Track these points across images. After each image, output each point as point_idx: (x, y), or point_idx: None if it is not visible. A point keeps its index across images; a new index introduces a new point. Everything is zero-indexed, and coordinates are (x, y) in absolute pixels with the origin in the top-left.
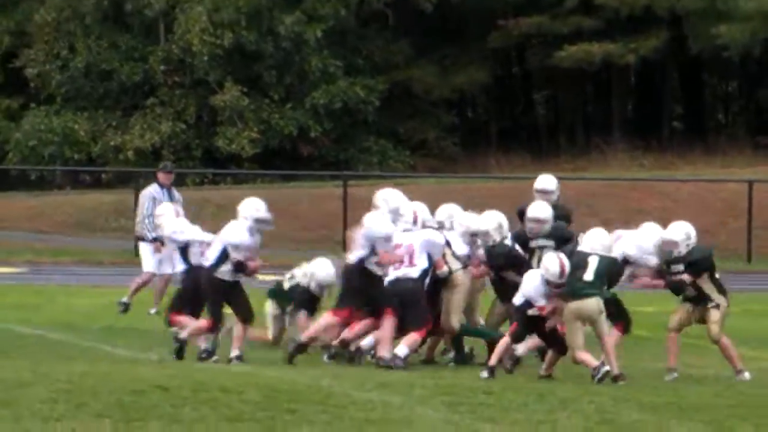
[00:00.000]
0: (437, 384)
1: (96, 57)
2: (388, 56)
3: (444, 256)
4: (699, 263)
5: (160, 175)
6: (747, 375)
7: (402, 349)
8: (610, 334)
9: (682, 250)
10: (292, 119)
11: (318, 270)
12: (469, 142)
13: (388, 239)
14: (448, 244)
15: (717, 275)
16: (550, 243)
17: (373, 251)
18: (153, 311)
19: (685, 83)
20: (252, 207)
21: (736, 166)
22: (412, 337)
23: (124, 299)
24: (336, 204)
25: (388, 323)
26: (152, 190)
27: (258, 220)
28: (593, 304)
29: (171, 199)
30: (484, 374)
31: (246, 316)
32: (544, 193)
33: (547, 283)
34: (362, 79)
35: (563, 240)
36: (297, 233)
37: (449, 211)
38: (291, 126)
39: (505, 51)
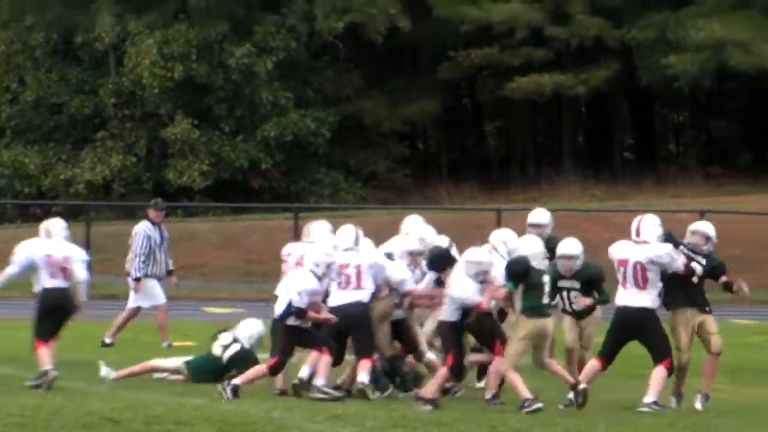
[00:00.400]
0: (389, 416)
1: (46, 90)
2: (338, 88)
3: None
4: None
5: (151, 212)
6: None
7: (363, 376)
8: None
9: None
10: (243, 151)
11: (251, 329)
12: (420, 173)
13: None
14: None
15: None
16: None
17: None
18: (166, 344)
19: (635, 113)
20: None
21: (687, 197)
22: (365, 365)
23: (107, 339)
24: (287, 236)
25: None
26: (144, 227)
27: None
28: (552, 324)
29: (161, 236)
30: (426, 407)
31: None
32: (537, 227)
33: (477, 275)
34: (313, 112)
35: (592, 280)
36: (248, 266)
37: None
38: (242, 158)
39: (456, 82)
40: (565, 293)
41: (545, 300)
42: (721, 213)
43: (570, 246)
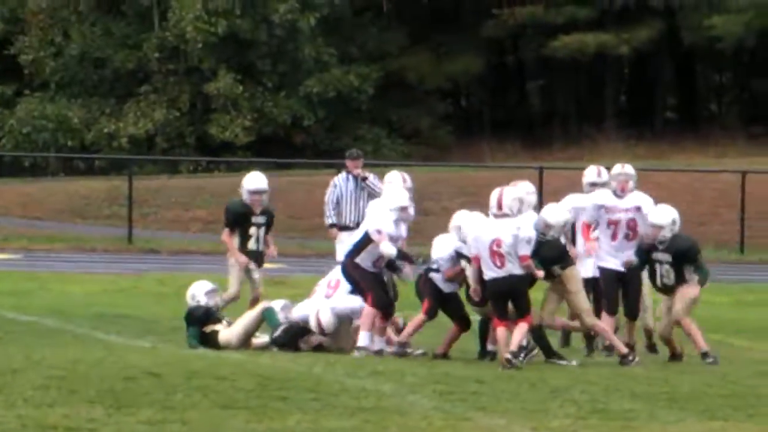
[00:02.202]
0: (429, 372)
1: (90, 44)
2: (382, 45)
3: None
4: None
5: (347, 162)
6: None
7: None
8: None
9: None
10: (286, 107)
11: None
12: (463, 130)
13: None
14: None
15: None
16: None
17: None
18: None
19: (678, 74)
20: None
21: (729, 157)
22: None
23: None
24: None
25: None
26: (337, 178)
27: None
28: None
29: (356, 186)
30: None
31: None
32: (596, 186)
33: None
34: (356, 68)
35: (682, 254)
36: (290, 222)
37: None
38: (284, 114)
39: (500, 40)
40: (657, 266)
41: None
42: (763, 173)
43: (658, 214)
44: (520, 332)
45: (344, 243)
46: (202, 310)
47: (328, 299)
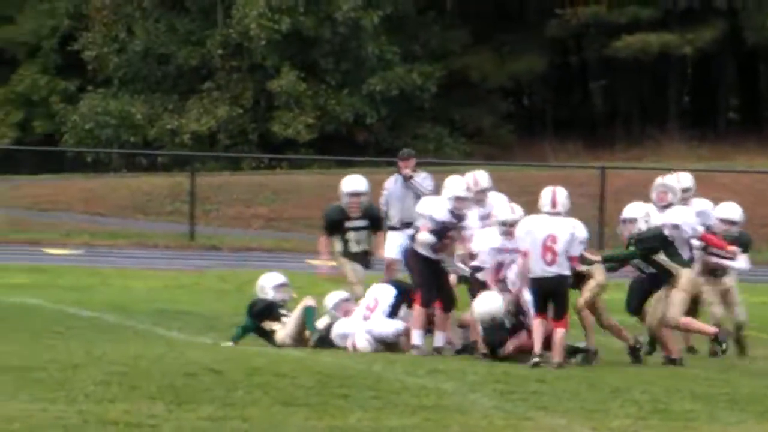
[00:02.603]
0: (490, 371)
1: (154, 40)
2: (445, 43)
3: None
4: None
5: (399, 162)
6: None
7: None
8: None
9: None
10: (349, 105)
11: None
12: (525, 129)
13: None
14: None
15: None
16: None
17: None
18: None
19: (741, 74)
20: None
21: None
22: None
23: None
24: None
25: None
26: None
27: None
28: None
29: (404, 185)
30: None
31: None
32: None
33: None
34: (419, 66)
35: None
36: None
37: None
38: (347, 112)
39: (563, 40)
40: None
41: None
42: None
43: (732, 210)
44: (559, 337)
45: (388, 242)
46: (264, 304)
47: (365, 321)
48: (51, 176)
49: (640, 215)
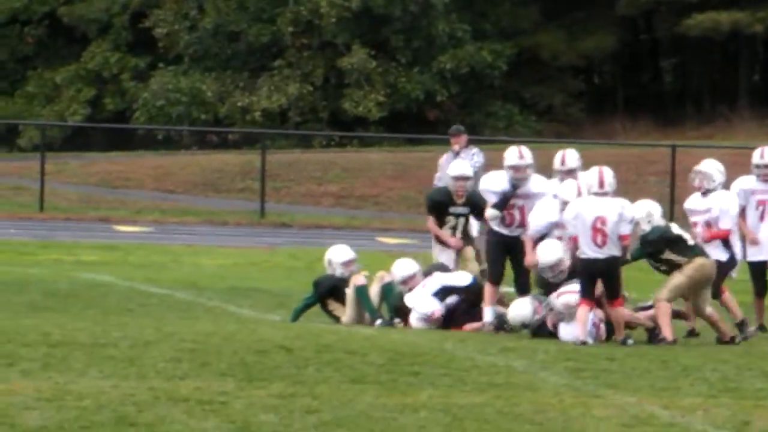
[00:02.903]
0: (560, 349)
1: (224, 18)
2: (515, 21)
3: None
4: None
5: (450, 139)
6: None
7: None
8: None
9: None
10: (419, 83)
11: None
12: (595, 108)
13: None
14: None
15: None
16: None
17: None
18: None
19: None
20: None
21: None
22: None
23: None
24: None
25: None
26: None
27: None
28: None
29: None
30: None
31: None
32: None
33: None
34: (489, 44)
35: None
36: (421, 197)
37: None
38: (418, 90)
39: (633, 18)
40: None
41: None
42: None
43: None
44: (618, 314)
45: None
46: (331, 282)
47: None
48: (122, 153)
49: (642, 216)
